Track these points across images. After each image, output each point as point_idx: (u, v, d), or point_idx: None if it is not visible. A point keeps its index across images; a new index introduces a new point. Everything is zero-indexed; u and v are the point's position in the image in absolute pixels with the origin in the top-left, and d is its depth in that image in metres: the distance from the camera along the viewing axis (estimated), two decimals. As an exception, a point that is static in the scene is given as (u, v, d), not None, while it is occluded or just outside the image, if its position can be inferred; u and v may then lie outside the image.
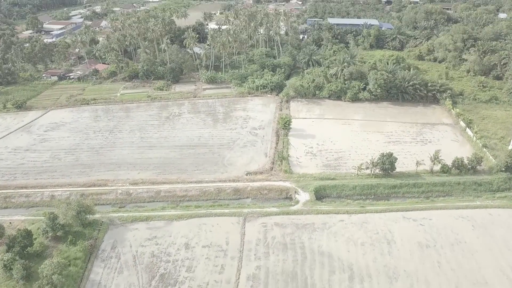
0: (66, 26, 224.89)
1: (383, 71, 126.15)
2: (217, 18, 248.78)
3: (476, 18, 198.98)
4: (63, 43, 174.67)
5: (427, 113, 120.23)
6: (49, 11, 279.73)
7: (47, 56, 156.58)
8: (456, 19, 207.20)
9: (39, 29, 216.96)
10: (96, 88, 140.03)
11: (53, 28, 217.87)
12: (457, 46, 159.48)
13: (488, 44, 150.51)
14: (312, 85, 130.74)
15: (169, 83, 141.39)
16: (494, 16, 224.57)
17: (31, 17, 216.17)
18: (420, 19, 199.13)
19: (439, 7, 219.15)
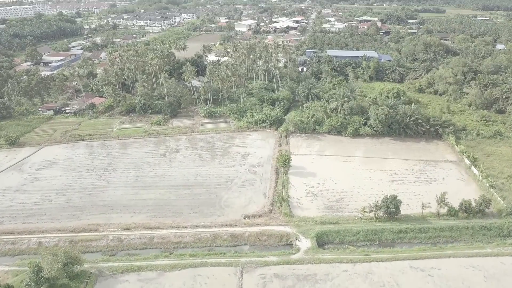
0: (65, 57, 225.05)
1: (384, 106, 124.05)
2: (216, 50, 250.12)
3: (475, 50, 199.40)
4: (61, 76, 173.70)
5: (430, 149, 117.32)
6: (49, 42, 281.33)
7: (44, 90, 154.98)
8: (455, 51, 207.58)
9: (38, 61, 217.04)
10: (92, 122, 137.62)
11: (52, 60, 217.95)
12: (457, 79, 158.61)
13: (489, 77, 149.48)
14: (312, 120, 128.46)
15: (167, 118, 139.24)
16: (492, 47, 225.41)
17: (30, 49, 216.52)
18: (419, 51, 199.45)
19: (438, 39, 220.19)
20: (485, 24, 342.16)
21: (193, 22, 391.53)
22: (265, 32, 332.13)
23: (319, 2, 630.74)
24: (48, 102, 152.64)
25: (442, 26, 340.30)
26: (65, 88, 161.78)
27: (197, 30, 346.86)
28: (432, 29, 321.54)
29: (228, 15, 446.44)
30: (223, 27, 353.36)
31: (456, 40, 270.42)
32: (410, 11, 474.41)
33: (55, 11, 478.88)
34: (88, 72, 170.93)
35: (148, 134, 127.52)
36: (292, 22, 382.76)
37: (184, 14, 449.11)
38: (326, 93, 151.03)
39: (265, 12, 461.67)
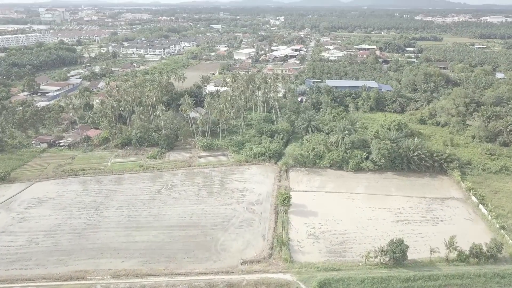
0: (63, 87, 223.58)
1: (386, 141, 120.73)
2: (215, 79, 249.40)
3: (476, 80, 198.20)
4: (57, 107, 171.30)
5: (435, 185, 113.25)
6: (48, 71, 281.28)
7: (39, 122, 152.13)
8: (456, 81, 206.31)
9: (35, 90, 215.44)
10: (87, 156, 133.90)
11: (49, 90, 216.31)
12: (459, 110, 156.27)
13: (492, 109, 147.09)
14: (312, 154, 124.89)
15: (163, 151, 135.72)
16: (493, 77, 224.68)
17: (28, 79, 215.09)
18: (419, 81, 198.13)
19: (438, 69, 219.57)
20: (483, 52, 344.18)
21: (193, 50, 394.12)
22: (264, 61, 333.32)
23: (317, 30, 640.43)
24: (43, 134, 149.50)
25: (440, 54, 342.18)
26: (61, 119, 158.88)
27: (197, 59, 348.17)
28: (431, 57, 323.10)
29: (228, 43, 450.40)
30: (223, 55, 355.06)
31: (455, 69, 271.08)
32: (408, 39, 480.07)
33: (56, 39, 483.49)
34: (85, 103, 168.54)
35: (144, 169, 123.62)
36: (291, 50, 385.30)
37: (184, 42, 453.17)
38: (326, 125, 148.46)
39: (264, 41, 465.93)
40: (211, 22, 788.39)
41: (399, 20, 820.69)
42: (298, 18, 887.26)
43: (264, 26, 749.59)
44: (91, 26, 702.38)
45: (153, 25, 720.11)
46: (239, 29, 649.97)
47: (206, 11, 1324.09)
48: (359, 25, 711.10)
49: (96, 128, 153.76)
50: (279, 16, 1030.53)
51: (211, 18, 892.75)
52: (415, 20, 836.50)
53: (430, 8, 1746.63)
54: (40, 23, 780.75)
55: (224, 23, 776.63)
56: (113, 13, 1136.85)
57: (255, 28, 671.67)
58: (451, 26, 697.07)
